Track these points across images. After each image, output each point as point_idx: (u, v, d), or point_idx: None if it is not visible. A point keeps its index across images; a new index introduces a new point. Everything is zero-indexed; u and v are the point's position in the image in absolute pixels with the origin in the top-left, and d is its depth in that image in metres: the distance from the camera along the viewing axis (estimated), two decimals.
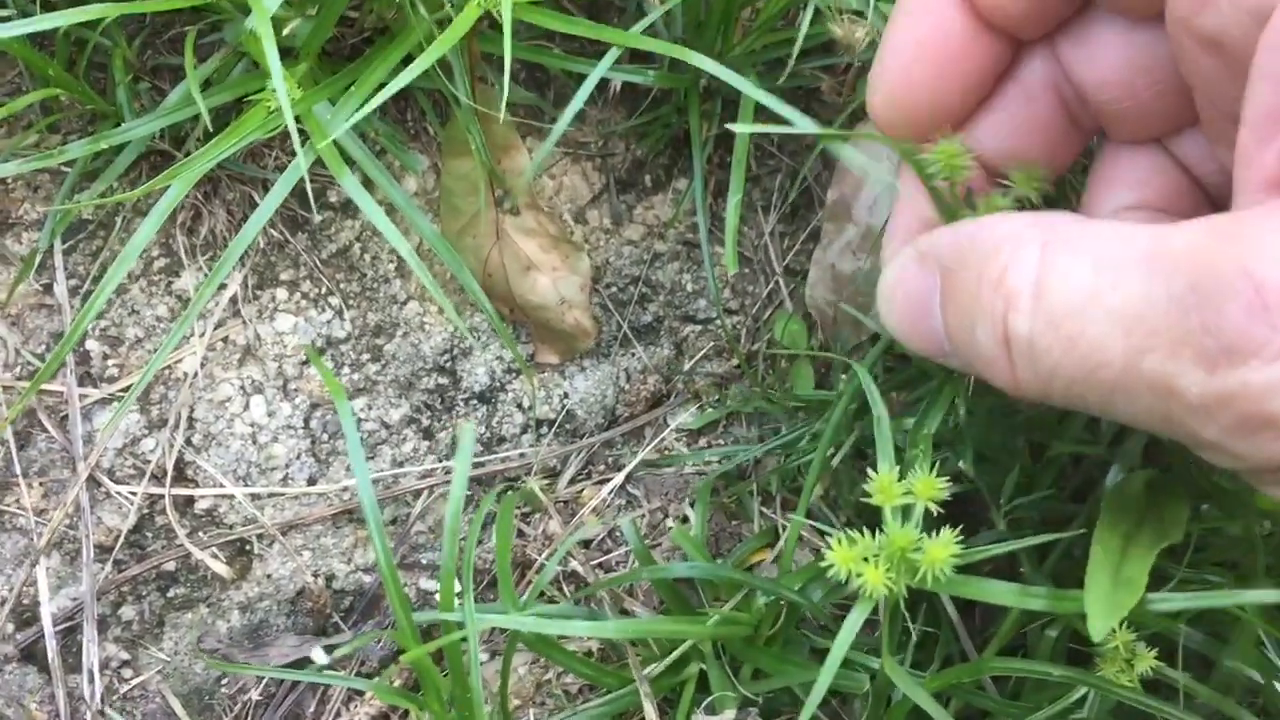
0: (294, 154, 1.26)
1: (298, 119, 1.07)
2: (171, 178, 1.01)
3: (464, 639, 0.89)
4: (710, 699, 1.08)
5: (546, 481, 1.29)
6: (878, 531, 0.82)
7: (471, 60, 1.13)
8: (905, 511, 0.85)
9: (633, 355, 1.33)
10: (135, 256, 1.01)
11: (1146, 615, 0.78)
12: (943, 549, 0.81)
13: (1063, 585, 1.09)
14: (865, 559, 0.82)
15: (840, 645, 0.84)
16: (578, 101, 1.03)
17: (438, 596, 1.21)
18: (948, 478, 1.13)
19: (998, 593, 0.84)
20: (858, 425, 1.17)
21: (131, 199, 1.16)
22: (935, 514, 0.84)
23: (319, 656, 1.18)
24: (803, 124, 0.96)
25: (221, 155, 1.02)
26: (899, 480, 0.85)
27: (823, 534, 1.20)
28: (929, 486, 0.85)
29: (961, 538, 0.83)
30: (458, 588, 0.90)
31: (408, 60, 1.18)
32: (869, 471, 0.84)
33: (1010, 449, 1.15)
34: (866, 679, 1.00)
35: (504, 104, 0.98)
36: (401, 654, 0.98)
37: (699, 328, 1.35)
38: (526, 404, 1.29)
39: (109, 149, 1.16)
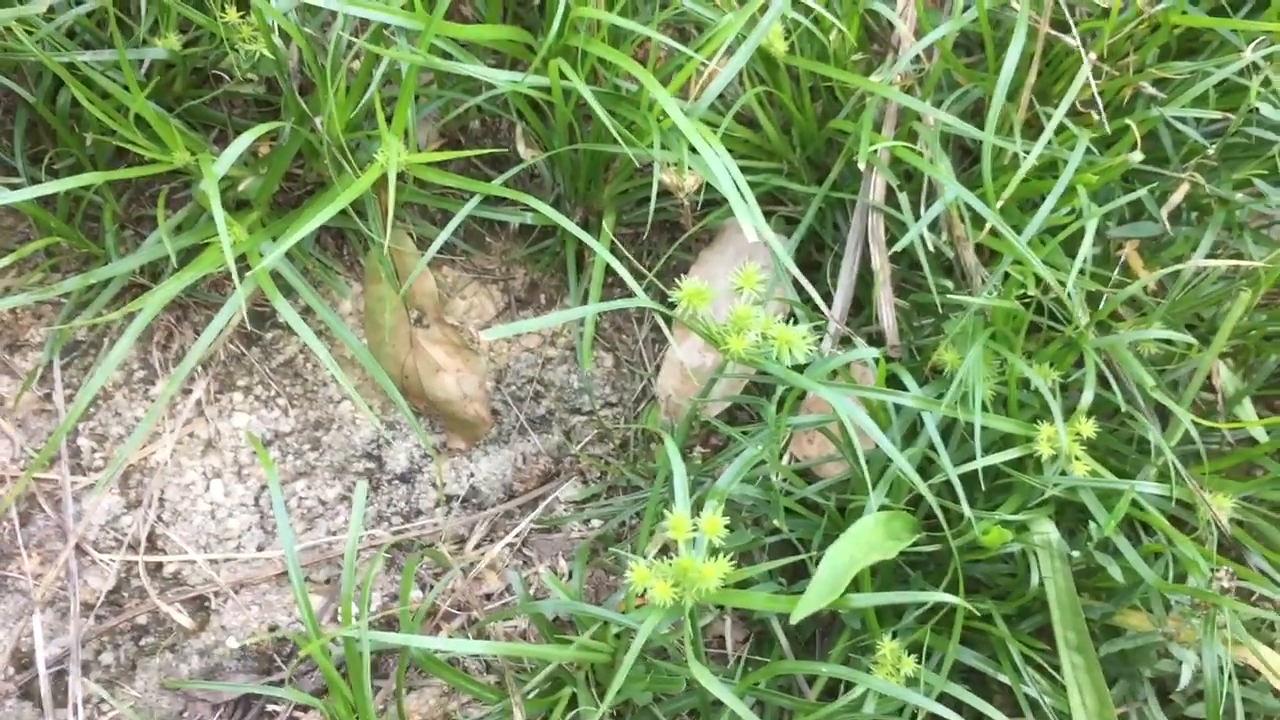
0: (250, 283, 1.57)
1: (244, 256, 1.37)
2: (144, 303, 1.30)
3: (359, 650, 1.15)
4: (575, 712, 1.33)
5: (456, 547, 1.56)
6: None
7: (383, 206, 1.44)
8: (700, 545, 1.13)
9: (528, 441, 1.61)
10: (115, 364, 1.30)
11: (846, 601, 1.04)
12: (714, 570, 1.09)
13: None
14: (658, 578, 1.10)
15: (636, 643, 1.10)
16: (443, 236, 1.32)
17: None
18: (767, 532, 1.41)
19: (754, 600, 1.11)
20: (702, 485, 1.44)
21: (115, 320, 1.45)
22: (718, 544, 1.11)
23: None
24: (638, 300, 1.26)
25: (183, 284, 1.32)
26: (692, 520, 1.12)
27: None
28: (713, 525, 1.12)
29: (735, 563, 1.10)
30: (355, 610, 1.16)
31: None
32: (666, 513, 1.12)
33: (820, 508, 1.42)
34: (682, 680, 1.26)
35: (395, 239, 1.28)
36: (328, 691, 1.24)
37: (584, 418, 1.63)
38: (439, 483, 1.57)
39: (98, 283, 1.46)
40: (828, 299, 1.46)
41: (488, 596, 1.55)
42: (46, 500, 1.47)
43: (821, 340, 1.42)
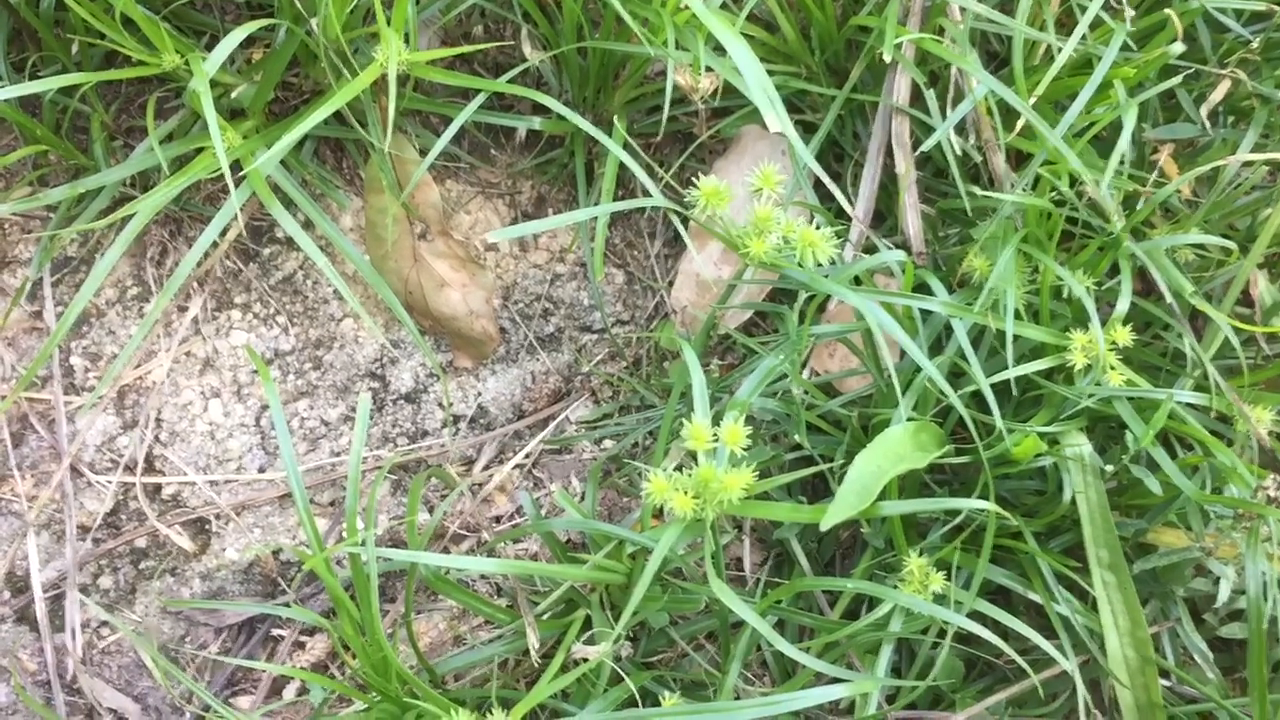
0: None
1: (239, 164, 1.31)
2: (134, 209, 1.24)
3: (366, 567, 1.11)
4: (589, 634, 1.29)
5: (464, 468, 1.51)
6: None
7: (383, 113, 1.38)
8: (718, 455, 1.07)
9: (537, 360, 1.56)
10: (104, 273, 1.24)
11: (877, 509, 0.99)
12: (737, 479, 1.03)
13: None
14: (677, 489, 1.05)
15: (655, 559, 1.05)
16: (446, 137, 1.26)
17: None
18: (787, 448, 1.35)
19: (778, 510, 1.06)
20: (719, 401, 1.39)
21: (105, 230, 1.38)
22: (740, 455, 1.05)
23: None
24: (652, 198, 1.19)
25: (175, 189, 1.26)
26: (712, 430, 1.07)
27: None
28: (734, 434, 1.07)
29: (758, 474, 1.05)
30: (360, 525, 1.12)
31: (339, 115, 1.43)
32: (687, 423, 1.07)
33: (842, 423, 1.37)
34: (702, 599, 1.22)
35: (398, 146, 1.22)
36: (335, 612, 1.19)
37: (595, 336, 1.58)
38: (446, 403, 1.52)
39: (88, 194, 1.40)
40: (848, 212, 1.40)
41: (497, 519, 1.50)
42: (40, 421, 1.42)
43: (844, 247, 1.36)
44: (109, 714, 1.36)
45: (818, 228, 1.11)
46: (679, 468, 1.25)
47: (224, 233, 1.48)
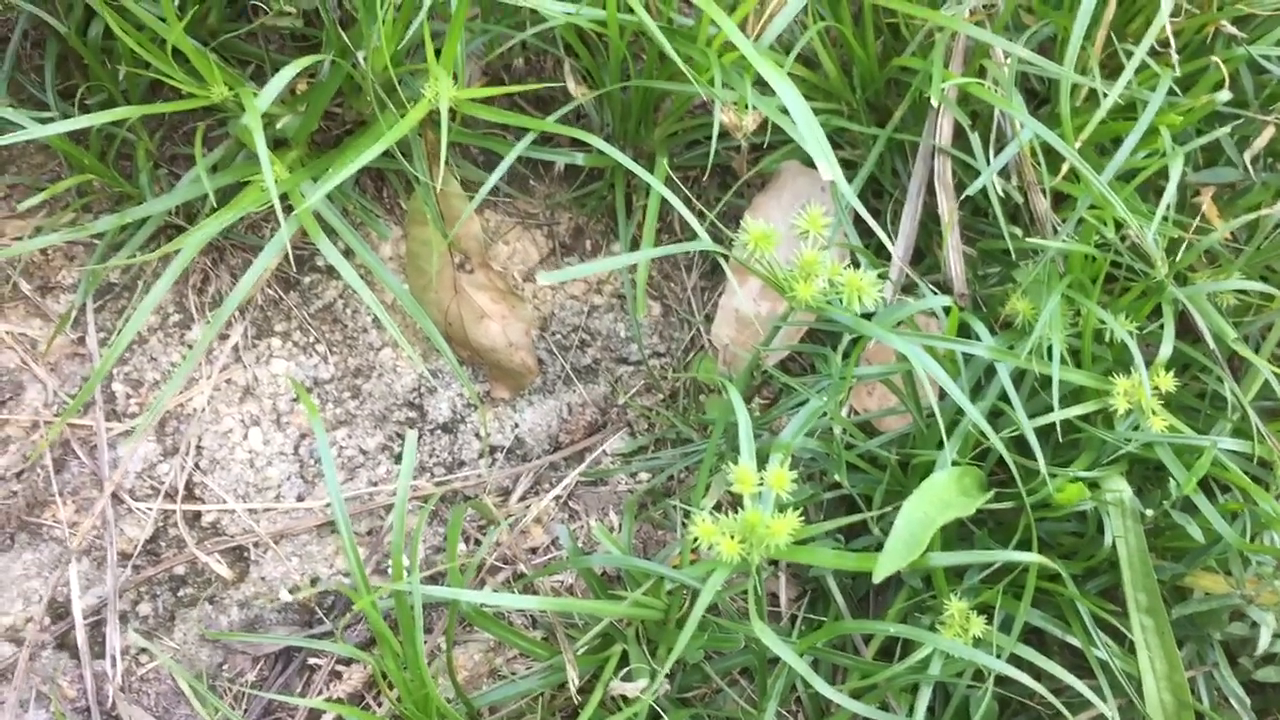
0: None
1: (284, 195, 1.32)
2: (181, 243, 1.25)
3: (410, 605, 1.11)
4: (626, 670, 1.29)
5: (500, 499, 1.52)
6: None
7: (428, 146, 1.39)
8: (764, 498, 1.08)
9: (574, 391, 1.56)
10: (151, 307, 1.25)
11: (926, 560, 0.99)
12: (783, 525, 1.04)
13: None
14: (723, 533, 1.05)
15: (701, 603, 1.05)
16: (495, 176, 1.27)
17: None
18: (826, 487, 1.36)
19: (823, 557, 1.06)
20: (759, 438, 1.40)
21: (150, 260, 1.39)
22: (787, 502, 1.06)
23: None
24: (700, 241, 1.20)
25: (223, 224, 1.27)
26: (758, 473, 1.07)
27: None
28: (780, 479, 1.07)
29: (804, 519, 1.06)
30: (405, 563, 1.12)
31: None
32: (730, 465, 1.07)
33: (880, 462, 1.37)
34: (740, 638, 1.22)
35: (441, 179, 1.23)
36: (374, 642, 1.20)
37: (631, 368, 1.58)
38: (483, 434, 1.52)
39: (132, 223, 1.41)
40: (887, 249, 1.41)
41: (533, 550, 1.51)
42: (81, 447, 1.43)
43: (884, 287, 1.36)
44: None
45: (859, 268, 1.12)
46: (718, 506, 1.26)
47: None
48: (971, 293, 1.39)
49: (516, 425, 1.54)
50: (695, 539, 1.03)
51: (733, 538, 1.04)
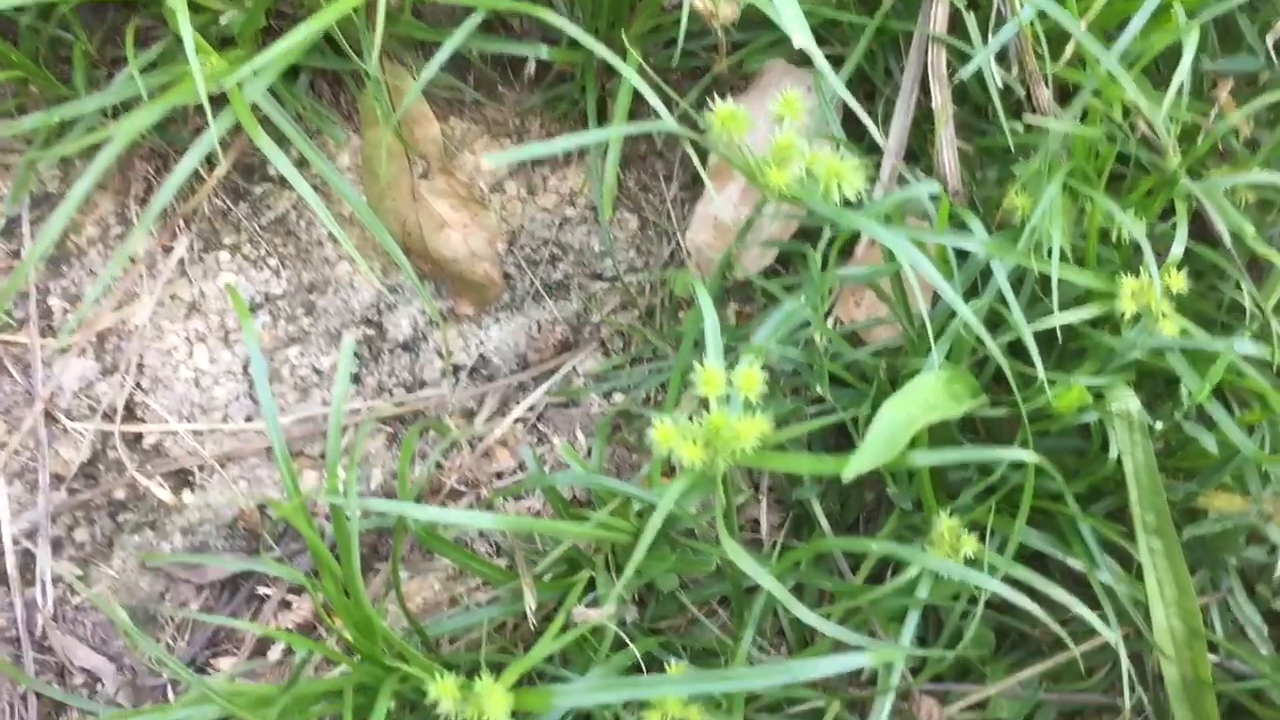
0: (236, 131, 1.42)
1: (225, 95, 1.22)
2: (112, 131, 1.16)
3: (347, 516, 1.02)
4: (592, 595, 1.20)
5: (464, 421, 1.42)
6: None
7: (372, 23, 1.28)
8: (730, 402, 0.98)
9: (544, 308, 1.46)
10: (81, 196, 1.15)
11: (906, 459, 0.89)
12: (751, 427, 0.94)
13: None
14: (686, 438, 0.95)
15: (658, 514, 0.96)
16: (441, 55, 1.16)
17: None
18: (808, 401, 1.26)
19: (796, 462, 0.97)
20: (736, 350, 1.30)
21: (76, 150, 1.28)
22: (755, 403, 0.96)
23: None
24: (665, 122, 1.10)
25: (155, 114, 1.17)
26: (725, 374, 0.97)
27: None
28: (750, 379, 0.98)
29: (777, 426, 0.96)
30: (342, 475, 1.03)
31: (331, 41, 1.34)
32: (698, 367, 0.97)
33: (868, 377, 1.27)
34: (713, 560, 1.12)
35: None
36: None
37: (606, 284, 1.48)
38: (446, 352, 1.43)
39: (66, 125, 1.31)
40: (878, 150, 1.30)
41: (499, 475, 1.41)
42: (14, 365, 1.34)
43: (874, 187, 1.25)
44: (81, 674, 1.29)
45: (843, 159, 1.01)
46: (691, 419, 1.15)
47: (212, 168, 1.40)
48: (968, 194, 1.28)
49: (482, 343, 1.44)
50: (661, 448, 0.93)
51: (696, 442, 0.95)
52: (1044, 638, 1.35)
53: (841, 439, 1.37)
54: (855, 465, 0.87)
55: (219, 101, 1.19)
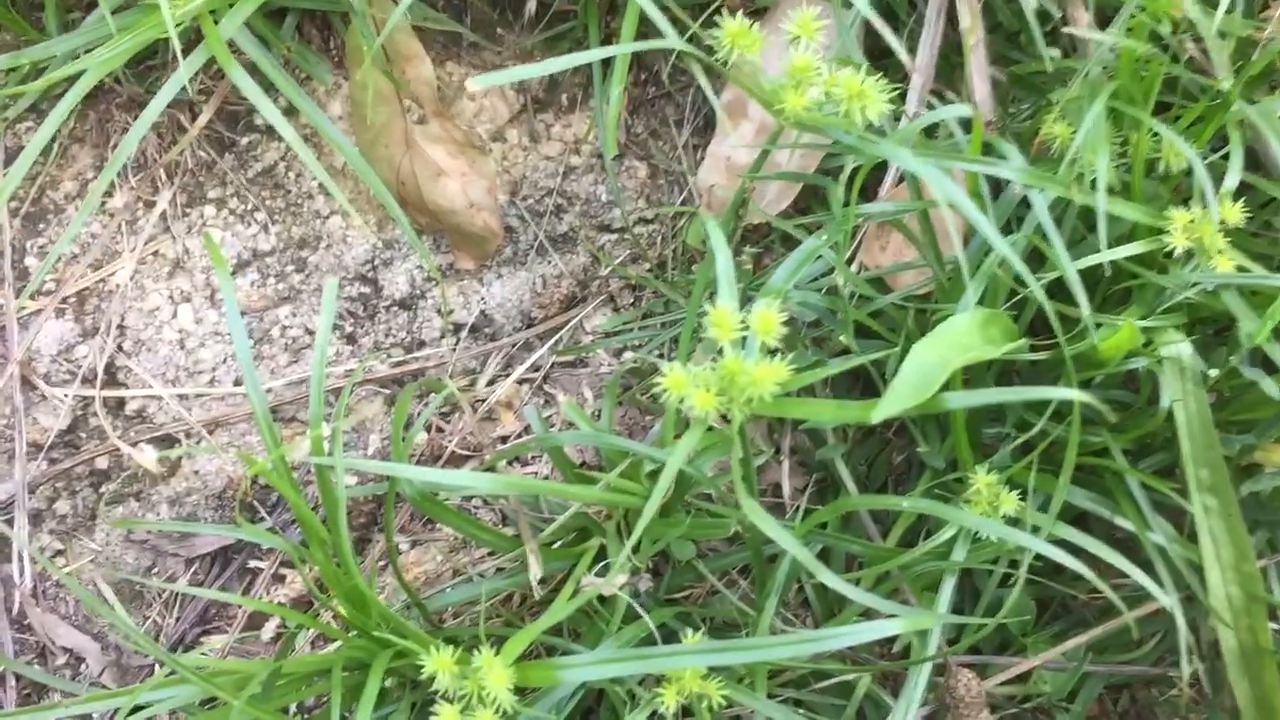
0: (219, 77, 1.34)
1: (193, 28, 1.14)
2: (82, 65, 1.08)
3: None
4: (603, 563, 1.12)
5: (466, 383, 1.34)
6: None
7: None
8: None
9: (548, 262, 1.38)
10: (50, 132, 1.08)
11: (939, 402, 0.81)
12: (769, 372, 0.85)
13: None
14: (698, 385, 0.87)
15: (669, 471, 0.87)
16: None
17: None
18: (831, 353, 1.17)
19: (818, 409, 0.88)
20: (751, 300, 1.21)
21: (42, 88, 1.20)
22: (773, 347, 0.87)
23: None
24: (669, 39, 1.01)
25: (124, 46, 1.09)
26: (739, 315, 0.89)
27: None
28: (767, 321, 0.89)
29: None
30: (326, 431, 0.95)
31: None
32: (709, 307, 0.89)
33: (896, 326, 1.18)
34: (731, 524, 1.04)
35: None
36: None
37: (614, 236, 1.40)
38: (445, 309, 1.35)
39: (33, 68, 1.24)
40: (902, 83, 1.20)
41: (503, 439, 1.33)
42: None
43: (899, 119, 1.16)
44: (64, 654, 1.22)
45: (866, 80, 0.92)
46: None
47: (195, 117, 1.32)
48: (1002, 126, 1.19)
49: (483, 300, 1.36)
50: (670, 396, 0.85)
51: (709, 390, 0.86)
52: (1088, 606, 1.26)
53: (867, 393, 1.28)
54: (884, 408, 0.78)
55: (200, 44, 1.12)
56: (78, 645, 1.21)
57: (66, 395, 1.25)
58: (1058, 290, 1.01)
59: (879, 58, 1.24)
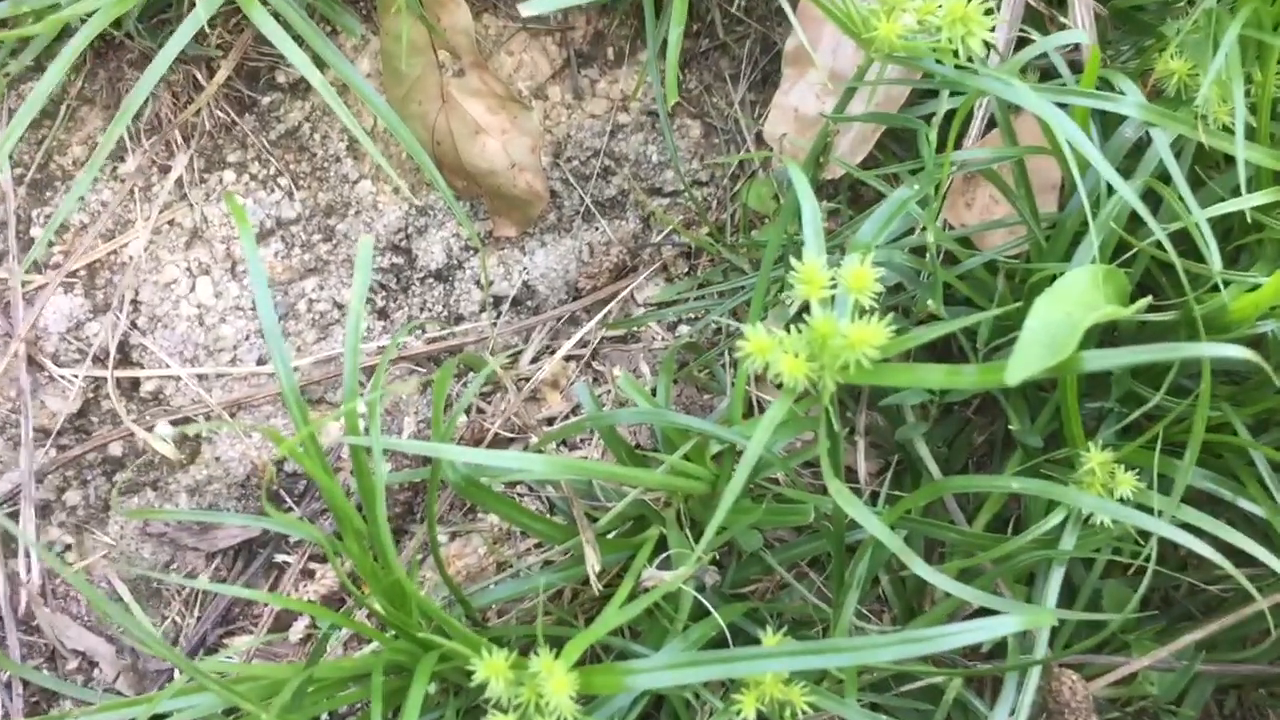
0: (238, 31, 1.24)
1: None
2: (94, 4, 0.98)
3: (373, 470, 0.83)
4: (665, 555, 1.01)
5: (509, 361, 1.23)
6: None
7: None
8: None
9: (595, 229, 1.27)
10: (58, 75, 0.98)
11: (1077, 362, 0.69)
12: (868, 334, 0.74)
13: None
14: (784, 350, 0.76)
15: (750, 454, 0.76)
16: None
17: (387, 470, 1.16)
18: (915, 321, 1.06)
19: (927, 376, 0.76)
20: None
21: (46, 32, 1.10)
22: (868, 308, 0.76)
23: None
24: None
25: None
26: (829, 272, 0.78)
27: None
28: (861, 278, 0.78)
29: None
30: (362, 409, 0.84)
31: None
32: (796, 265, 0.78)
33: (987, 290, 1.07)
34: (808, 511, 0.93)
35: None
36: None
37: (667, 200, 1.29)
38: (485, 281, 1.24)
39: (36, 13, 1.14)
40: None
41: (549, 421, 1.22)
42: None
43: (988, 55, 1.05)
44: (75, 657, 1.12)
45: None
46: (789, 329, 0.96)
47: (212, 74, 1.22)
48: (1104, 64, 1.07)
49: (526, 270, 1.25)
50: (752, 361, 0.74)
51: (798, 355, 0.75)
52: (1192, 598, 1.15)
53: (947, 363, 1.17)
54: (1019, 368, 0.67)
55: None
56: (90, 648, 1.11)
57: (76, 376, 1.15)
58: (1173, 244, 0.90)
59: None
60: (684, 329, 1.26)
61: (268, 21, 1.00)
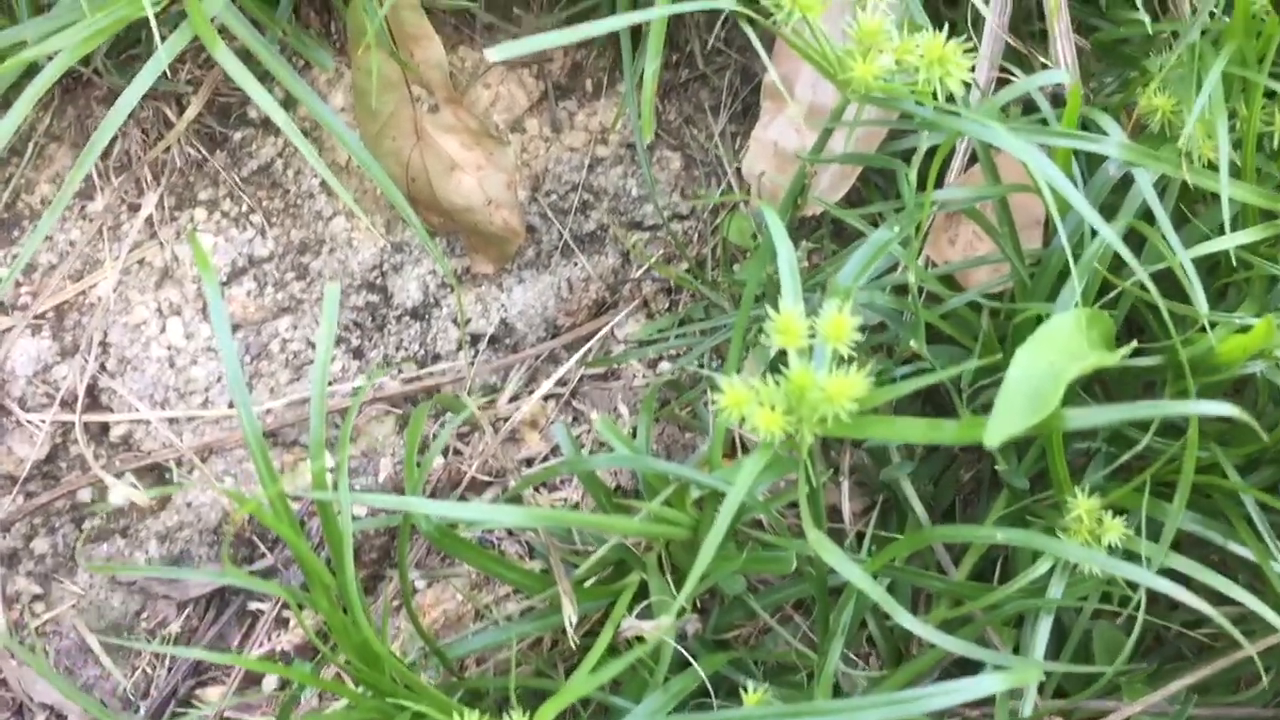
0: (208, 66, 1.22)
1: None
2: (58, 43, 0.96)
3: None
4: (645, 603, 0.99)
5: (487, 400, 1.21)
6: None
7: None
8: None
9: (574, 264, 1.25)
10: (23, 112, 0.95)
11: (1060, 420, 0.67)
12: (845, 386, 0.73)
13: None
14: (761, 403, 0.74)
15: (731, 502, 0.74)
16: None
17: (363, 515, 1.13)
18: (897, 361, 1.04)
19: (907, 430, 0.74)
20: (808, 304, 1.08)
21: (10, 70, 1.08)
22: (848, 358, 0.74)
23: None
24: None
25: (102, 24, 0.97)
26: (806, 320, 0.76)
27: None
28: (839, 327, 0.76)
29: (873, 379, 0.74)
30: (330, 463, 0.82)
31: None
32: (772, 313, 0.76)
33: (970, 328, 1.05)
34: (791, 558, 0.91)
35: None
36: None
37: (646, 234, 1.27)
38: (462, 319, 1.22)
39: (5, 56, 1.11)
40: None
41: (528, 462, 1.20)
42: None
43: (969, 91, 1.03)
44: (43, 711, 1.09)
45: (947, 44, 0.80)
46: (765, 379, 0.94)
47: (182, 110, 1.20)
48: (1086, 100, 1.05)
49: (504, 308, 1.23)
50: (728, 415, 0.72)
51: (774, 408, 0.73)
52: (1182, 640, 1.13)
53: (928, 409, 1.15)
54: (998, 428, 0.64)
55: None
56: (58, 703, 1.09)
57: (44, 421, 1.13)
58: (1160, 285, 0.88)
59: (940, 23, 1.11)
60: (665, 366, 1.24)
61: (230, 60, 0.98)
